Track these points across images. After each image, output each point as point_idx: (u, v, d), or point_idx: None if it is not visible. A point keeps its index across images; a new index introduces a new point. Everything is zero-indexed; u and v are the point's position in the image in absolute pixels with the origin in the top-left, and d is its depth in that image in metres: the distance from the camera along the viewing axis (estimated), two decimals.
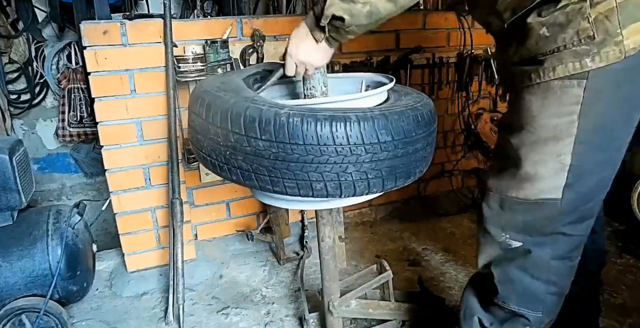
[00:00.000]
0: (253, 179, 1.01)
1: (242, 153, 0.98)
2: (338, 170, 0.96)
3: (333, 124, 0.93)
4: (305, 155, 0.94)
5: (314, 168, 0.95)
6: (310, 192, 0.99)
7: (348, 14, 0.97)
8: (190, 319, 1.67)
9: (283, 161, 0.95)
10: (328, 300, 1.40)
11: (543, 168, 0.97)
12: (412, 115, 1.03)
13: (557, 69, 0.91)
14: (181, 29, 1.75)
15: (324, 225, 1.31)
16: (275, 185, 1.00)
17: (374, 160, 0.97)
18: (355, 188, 0.99)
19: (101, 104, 1.72)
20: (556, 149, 0.95)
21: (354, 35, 1.04)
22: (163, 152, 1.82)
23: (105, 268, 2.00)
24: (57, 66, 3.06)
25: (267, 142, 0.95)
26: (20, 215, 1.53)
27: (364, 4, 0.95)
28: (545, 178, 0.98)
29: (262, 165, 0.98)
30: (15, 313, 1.43)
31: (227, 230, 2.18)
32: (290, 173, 0.96)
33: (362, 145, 0.95)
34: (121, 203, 1.85)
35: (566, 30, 0.89)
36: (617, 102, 0.93)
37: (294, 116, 0.93)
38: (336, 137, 0.93)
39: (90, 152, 3.24)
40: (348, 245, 2.14)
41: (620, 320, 1.58)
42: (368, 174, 0.98)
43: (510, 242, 1.05)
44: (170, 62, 1.69)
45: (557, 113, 0.94)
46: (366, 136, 0.94)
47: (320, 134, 0.92)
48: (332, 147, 0.93)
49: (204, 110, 1.04)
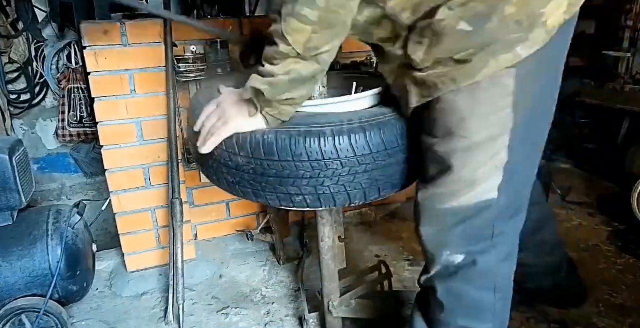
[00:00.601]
0: (238, 190, 1.04)
1: (225, 167, 1.02)
2: (315, 184, 0.96)
3: (307, 140, 0.92)
4: (281, 170, 0.95)
5: (291, 183, 0.96)
6: (291, 204, 1.00)
7: (267, 84, 0.90)
8: (190, 319, 1.67)
9: (262, 176, 0.97)
10: (328, 300, 1.40)
11: (481, 171, 0.89)
12: (396, 125, 0.99)
13: (490, 65, 0.81)
14: (181, 29, 1.75)
15: (324, 225, 1.32)
16: (258, 196, 1.02)
17: (351, 173, 0.96)
18: (335, 201, 0.99)
19: (101, 104, 1.72)
20: (494, 149, 0.87)
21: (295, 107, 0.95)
22: (163, 152, 1.82)
23: (105, 268, 2.00)
24: (57, 66, 3.06)
25: (245, 158, 0.97)
26: (20, 215, 1.53)
27: (285, 73, 0.88)
28: (485, 181, 0.90)
29: (243, 178, 1.00)
30: (15, 313, 1.43)
31: (227, 230, 2.18)
32: (270, 186, 0.98)
33: (338, 159, 0.94)
34: (121, 203, 1.85)
35: (491, 19, 0.79)
36: (543, 83, 0.88)
37: (268, 133, 0.94)
38: (310, 153, 0.93)
39: (90, 152, 3.24)
40: (348, 245, 2.14)
41: (620, 320, 1.58)
42: (347, 187, 0.97)
43: (453, 258, 0.96)
44: (170, 62, 1.69)
45: (491, 110, 0.85)
46: (342, 150, 0.93)
47: (295, 151, 0.93)
48: (307, 162, 0.93)
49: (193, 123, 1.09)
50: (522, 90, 0.84)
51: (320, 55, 0.87)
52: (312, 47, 0.84)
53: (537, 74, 0.85)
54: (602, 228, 2.23)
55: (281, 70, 0.88)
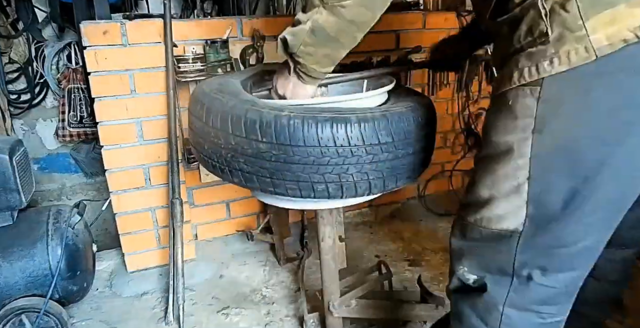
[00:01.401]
0: (254, 181, 1.01)
1: (243, 155, 0.99)
2: (339, 171, 0.96)
3: (334, 126, 0.93)
4: (306, 157, 0.94)
5: (315, 170, 0.95)
6: (312, 193, 0.99)
7: (290, 34, 0.93)
8: (190, 319, 1.67)
9: (284, 163, 0.96)
10: (328, 300, 1.40)
11: (497, 191, 0.81)
12: (413, 116, 1.03)
13: (514, 76, 0.74)
14: (181, 29, 1.75)
15: (324, 225, 1.32)
16: (276, 186, 1.00)
17: (374, 161, 0.97)
18: (356, 189, 1.00)
19: (101, 104, 1.72)
20: (509, 170, 0.78)
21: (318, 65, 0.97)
22: (163, 152, 1.82)
23: (105, 268, 1.99)
24: (57, 66, 3.05)
25: (268, 145, 0.95)
26: (20, 215, 1.53)
27: (306, 21, 0.90)
28: (501, 203, 0.80)
29: (263, 167, 0.98)
30: (15, 313, 1.43)
31: (227, 230, 2.18)
32: (292, 175, 0.97)
33: (363, 146, 0.95)
34: (121, 203, 1.85)
35: (520, 27, 0.73)
36: (585, 117, 0.70)
37: (294, 118, 0.93)
38: (337, 139, 0.93)
39: (90, 152, 3.24)
40: (348, 245, 2.14)
41: (620, 320, 1.58)
42: (369, 175, 0.98)
43: (467, 275, 0.89)
44: (170, 62, 1.69)
45: (509, 128, 0.77)
46: (367, 137, 0.95)
47: (321, 136, 0.93)
48: (333, 148, 0.94)
49: (204, 113, 1.04)
50: (547, 116, 0.72)
51: (339, 8, 0.86)
52: None
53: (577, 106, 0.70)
54: None
55: (304, 18, 0.90)
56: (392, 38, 2.18)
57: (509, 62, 0.77)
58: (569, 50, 0.68)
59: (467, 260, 0.89)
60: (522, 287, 0.83)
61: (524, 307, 0.84)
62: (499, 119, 0.79)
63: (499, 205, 0.81)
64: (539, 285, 0.82)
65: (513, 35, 0.75)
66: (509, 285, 0.84)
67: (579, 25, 0.66)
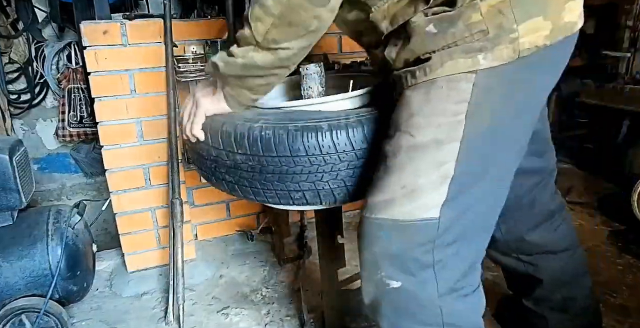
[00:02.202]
0: (237, 190, 1.05)
1: (223, 166, 1.02)
2: (314, 179, 0.96)
3: (304, 135, 0.92)
4: (279, 166, 0.95)
5: (290, 179, 0.96)
6: (290, 201, 1.00)
7: (222, 61, 0.94)
8: (190, 319, 1.67)
9: (260, 173, 0.97)
10: (328, 300, 1.40)
11: (423, 180, 0.79)
12: None
13: (446, 66, 0.79)
14: (181, 29, 1.75)
15: (324, 225, 1.32)
16: (257, 195, 1.02)
17: (350, 168, 0.96)
18: (335, 196, 0.99)
19: (101, 104, 1.72)
20: (439, 156, 0.79)
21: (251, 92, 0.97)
22: (163, 152, 1.82)
23: (105, 268, 2.00)
24: (57, 66, 3.06)
25: (243, 156, 0.97)
26: (20, 215, 1.53)
27: (242, 57, 0.90)
28: (428, 193, 0.79)
29: (242, 177, 1.00)
30: (15, 313, 1.43)
31: (227, 230, 2.18)
32: (269, 184, 0.98)
33: (336, 153, 0.93)
34: (121, 203, 1.85)
35: (456, 24, 0.78)
36: (509, 104, 0.82)
37: (266, 129, 0.94)
38: (308, 148, 0.93)
39: (90, 152, 3.24)
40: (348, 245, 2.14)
41: (620, 320, 1.58)
42: (346, 182, 0.97)
43: (388, 281, 0.83)
44: (170, 62, 1.69)
45: (441, 111, 0.79)
46: (339, 145, 0.93)
47: (292, 146, 0.93)
48: (305, 157, 0.93)
49: None
50: (481, 103, 0.79)
51: (278, 50, 0.87)
52: (271, 39, 0.85)
53: (503, 94, 0.80)
54: (602, 228, 2.23)
55: (239, 53, 0.91)
56: None
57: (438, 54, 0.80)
58: (502, 49, 0.78)
59: (385, 263, 0.83)
60: (443, 272, 0.83)
61: (451, 289, 0.84)
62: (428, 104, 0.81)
63: (423, 194, 0.80)
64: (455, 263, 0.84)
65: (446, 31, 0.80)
66: (433, 276, 0.82)
67: (513, 29, 0.77)
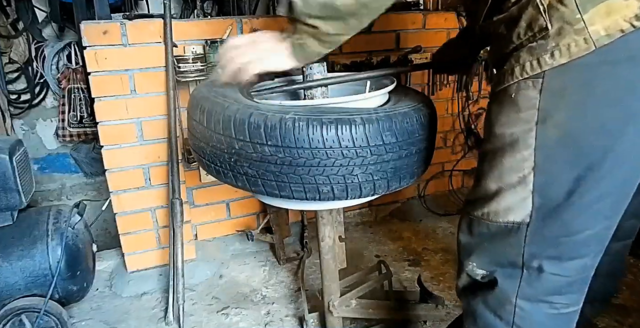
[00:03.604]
0: (259, 185, 1.02)
1: (247, 159, 0.99)
2: (344, 172, 0.97)
3: (339, 127, 0.93)
4: (312, 159, 0.94)
5: (321, 172, 0.96)
6: (317, 195, 1.00)
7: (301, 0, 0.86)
8: (190, 319, 1.67)
9: (290, 166, 0.96)
10: (328, 300, 1.40)
11: (503, 183, 0.82)
12: (416, 116, 1.04)
13: (515, 71, 0.77)
14: (181, 29, 1.75)
15: (324, 225, 1.32)
16: (282, 189, 1.00)
17: (379, 161, 0.98)
18: (361, 190, 1.00)
19: (101, 104, 1.72)
20: (515, 161, 0.79)
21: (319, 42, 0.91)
22: (163, 152, 1.82)
23: (105, 268, 2.00)
24: (57, 66, 3.06)
25: (273, 148, 0.95)
26: (20, 215, 1.53)
27: None
28: (507, 195, 0.82)
29: (268, 170, 0.98)
30: (15, 313, 1.43)
31: (227, 230, 2.18)
32: (297, 177, 0.97)
33: (368, 147, 0.96)
34: (121, 203, 1.85)
35: (519, 24, 0.75)
36: (588, 107, 0.73)
37: (299, 121, 0.93)
38: (342, 140, 0.94)
39: (90, 152, 3.25)
40: (348, 245, 2.14)
41: (620, 320, 1.58)
42: (374, 176, 0.99)
43: (477, 271, 0.90)
44: (170, 62, 1.69)
45: (513, 120, 0.79)
46: (371, 138, 0.95)
47: (326, 137, 0.93)
48: (339, 149, 0.94)
49: (204, 118, 1.04)
50: (554, 107, 0.74)
51: None
52: None
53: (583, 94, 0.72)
54: None
55: None
56: (392, 38, 2.18)
57: (509, 59, 0.79)
58: (569, 43, 0.70)
59: (476, 255, 0.90)
60: (532, 278, 0.83)
61: (536, 298, 0.85)
62: (502, 113, 0.81)
63: (506, 197, 0.82)
64: (549, 275, 0.82)
65: (512, 32, 0.77)
66: (520, 277, 0.84)
67: (577, 19, 0.69)
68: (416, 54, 2.19)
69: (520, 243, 0.82)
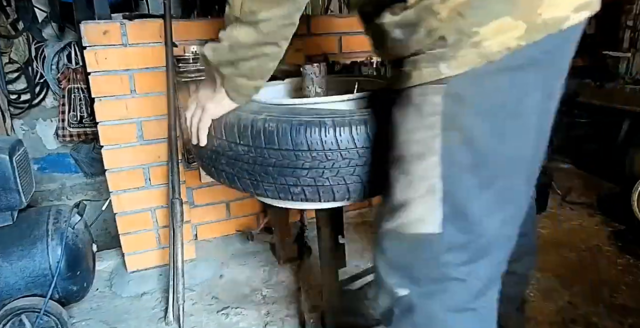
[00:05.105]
0: (236, 182, 1.04)
1: (224, 157, 1.02)
2: (314, 175, 0.95)
3: (308, 130, 0.92)
4: (281, 159, 0.95)
5: (290, 173, 0.96)
6: (289, 195, 1.00)
7: (211, 49, 0.92)
8: (190, 319, 1.67)
9: (261, 165, 0.97)
10: (328, 300, 1.40)
11: (412, 192, 0.79)
12: None
13: (413, 76, 0.76)
14: (181, 29, 1.75)
15: (324, 225, 1.32)
16: (256, 188, 1.02)
17: (351, 165, 0.95)
18: (334, 193, 0.98)
19: (101, 104, 1.72)
20: (422, 170, 0.77)
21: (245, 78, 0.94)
22: (163, 152, 1.82)
23: (105, 268, 2.00)
24: (57, 66, 3.06)
25: (245, 147, 0.97)
26: (20, 215, 1.53)
27: (227, 38, 0.89)
28: (417, 205, 0.78)
29: (242, 168, 1.00)
30: (15, 313, 1.43)
31: (227, 230, 2.18)
32: (269, 177, 0.98)
33: (338, 150, 0.93)
34: (121, 203, 1.85)
35: (418, 31, 0.74)
36: (486, 113, 0.74)
37: (269, 121, 0.94)
38: (310, 143, 0.93)
39: (90, 152, 3.25)
40: (348, 245, 2.14)
41: (620, 320, 1.58)
42: (346, 180, 0.97)
43: (397, 289, 0.83)
44: (170, 62, 1.69)
45: (418, 126, 0.77)
46: (342, 142, 0.93)
47: (295, 139, 0.93)
48: (307, 152, 0.93)
49: None
50: (456, 113, 0.74)
51: (259, 24, 0.84)
52: (247, 11, 0.84)
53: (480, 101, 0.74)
54: (602, 228, 2.23)
55: (223, 35, 0.89)
56: None
57: (408, 63, 0.78)
58: (466, 55, 0.71)
59: (394, 272, 0.84)
60: (454, 289, 0.80)
61: (461, 308, 0.81)
62: (407, 118, 0.79)
63: (416, 208, 0.79)
64: (468, 282, 0.80)
65: (410, 37, 0.76)
66: (439, 291, 0.81)
67: (475, 32, 0.70)
68: None
69: (436, 255, 0.79)
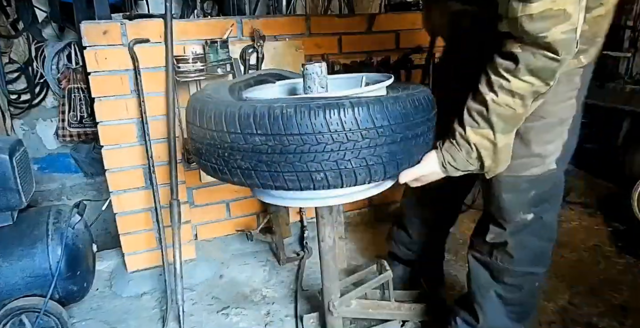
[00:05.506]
0: (254, 177, 1.01)
1: (240, 152, 0.99)
2: (336, 157, 0.95)
3: (326, 111, 0.92)
4: (301, 145, 0.94)
5: (312, 158, 0.95)
6: (311, 183, 0.98)
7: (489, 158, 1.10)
8: (190, 319, 1.67)
9: (281, 154, 0.96)
10: (328, 300, 1.40)
11: (552, 146, 1.15)
12: (409, 99, 1.02)
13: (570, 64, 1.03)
14: (181, 29, 1.75)
15: (324, 225, 1.32)
16: (275, 180, 1.00)
17: (372, 145, 0.96)
18: (356, 176, 0.99)
19: (101, 104, 1.72)
20: (561, 130, 1.14)
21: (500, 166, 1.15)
22: (163, 152, 1.82)
23: (105, 268, 2.00)
24: (57, 66, 3.05)
25: (263, 137, 0.95)
26: (20, 215, 1.53)
27: None
28: (552, 155, 1.16)
29: (260, 160, 0.98)
30: (15, 313, 1.43)
31: (227, 230, 2.18)
32: (289, 165, 0.96)
33: (358, 130, 0.94)
34: (121, 203, 1.85)
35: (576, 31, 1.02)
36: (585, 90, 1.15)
37: (287, 108, 0.93)
38: (330, 124, 0.93)
39: (90, 152, 3.24)
40: (348, 245, 2.14)
41: (621, 320, 1.58)
42: (368, 161, 0.98)
43: (526, 216, 1.21)
44: (170, 62, 1.69)
45: (563, 98, 1.12)
46: (361, 121, 0.94)
47: (315, 122, 0.92)
48: (328, 134, 0.93)
49: (197, 118, 1.05)
50: (582, 88, 1.13)
51: None
52: None
53: (587, 80, 1.14)
54: (602, 228, 2.24)
55: None
56: (392, 38, 2.18)
57: None
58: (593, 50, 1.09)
59: (525, 206, 1.20)
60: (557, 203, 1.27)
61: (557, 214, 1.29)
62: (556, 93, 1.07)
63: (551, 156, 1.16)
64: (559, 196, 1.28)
65: None
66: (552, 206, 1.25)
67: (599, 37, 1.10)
68: (416, 54, 2.19)
69: (551, 184, 1.21)
